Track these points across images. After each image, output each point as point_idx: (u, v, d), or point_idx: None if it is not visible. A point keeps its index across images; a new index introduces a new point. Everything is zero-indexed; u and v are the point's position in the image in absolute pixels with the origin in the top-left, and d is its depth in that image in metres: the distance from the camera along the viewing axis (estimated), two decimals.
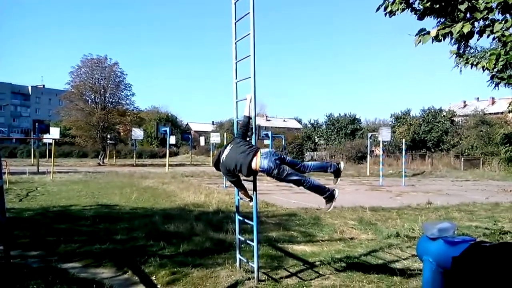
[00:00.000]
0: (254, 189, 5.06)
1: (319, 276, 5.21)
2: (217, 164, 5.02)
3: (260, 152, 4.66)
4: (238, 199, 5.54)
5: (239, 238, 5.47)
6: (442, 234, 2.46)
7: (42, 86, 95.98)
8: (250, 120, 5.10)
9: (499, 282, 2.07)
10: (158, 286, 4.84)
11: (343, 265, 5.73)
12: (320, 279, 5.09)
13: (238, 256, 5.44)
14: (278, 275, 5.22)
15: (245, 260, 5.31)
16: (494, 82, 5.77)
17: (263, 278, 5.00)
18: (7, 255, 4.81)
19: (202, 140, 57.03)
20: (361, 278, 5.10)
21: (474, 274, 2.22)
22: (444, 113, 45.80)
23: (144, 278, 5.09)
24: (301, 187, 4.76)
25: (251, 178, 4.95)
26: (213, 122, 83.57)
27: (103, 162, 39.06)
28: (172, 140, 44.60)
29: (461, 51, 5.28)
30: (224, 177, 9.43)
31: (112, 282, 4.82)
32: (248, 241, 5.41)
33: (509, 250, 2.16)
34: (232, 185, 5.19)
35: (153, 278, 5.08)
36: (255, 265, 4.93)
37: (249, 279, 4.97)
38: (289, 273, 5.31)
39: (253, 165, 4.61)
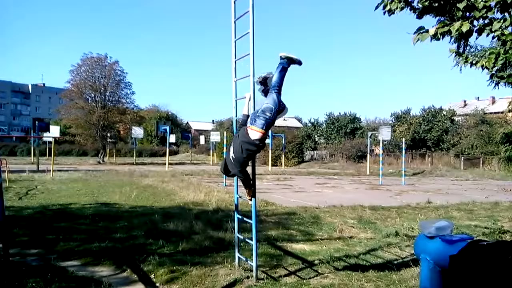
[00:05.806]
0: (253, 185, 5.04)
1: (318, 274, 5.21)
2: (226, 168, 4.94)
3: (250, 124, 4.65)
4: (237, 198, 5.54)
5: (238, 237, 5.47)
6: (440, 233, 2.46)
7: (42, 85, 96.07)
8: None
9: (496, 280, 2.07)
10: (157, 285, 4.84)
11: (342, 264, 5.73)
12: (319, 277, 5.10)
13: (237, 254, 5.44)
14: (277, 273, 5.22)
15: (244, 259, 5.31)
16: (494, 81, 5.78)
17: (262, 277, 5.01)
18: (6, 253, 4.82)
19: (202, 138, 56.98)
20: (360, 277, 5.10)
21: (472, 272, 2.22)
22: (444, 113, 45.74)
23: (143, 276, 5.10)
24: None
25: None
26: (213, 121, 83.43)
27: (103, 161, 39.06)
28: (172, 138, 44.60)
29: (460, 50, 5.27)
30: (225, 176, 9.38)
31: (111, 280, 4.83)
32: (247, 240, 5.41)
33: (505, 248, 2.16)
34: (241, 183, 5.06)
35: (152, 276, 5.09)
36: (254, 264, 4.93)
37: (248, 277, 4.97)
38: (288, 272, 5.31)
39: (252, 136, 4.56)
